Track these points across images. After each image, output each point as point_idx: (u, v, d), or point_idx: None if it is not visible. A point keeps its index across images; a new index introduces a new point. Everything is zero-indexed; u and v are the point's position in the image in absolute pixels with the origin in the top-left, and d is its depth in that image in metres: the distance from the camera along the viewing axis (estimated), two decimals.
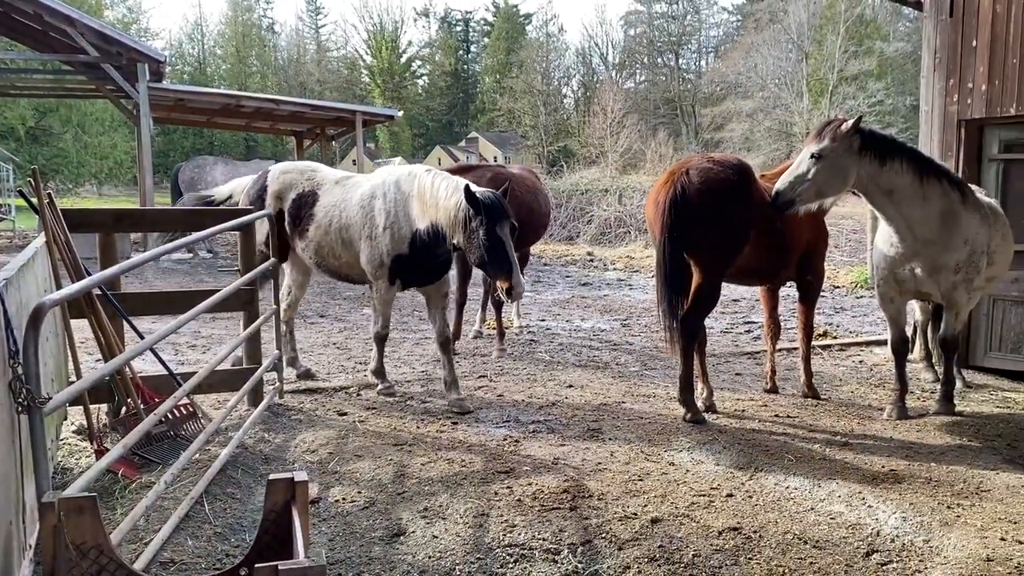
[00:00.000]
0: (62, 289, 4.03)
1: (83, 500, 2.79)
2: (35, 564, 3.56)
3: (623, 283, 15.68)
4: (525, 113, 64.94)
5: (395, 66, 78.64)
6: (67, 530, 2.72)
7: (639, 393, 7.07)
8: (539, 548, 4.08)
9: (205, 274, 15.85)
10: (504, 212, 5.77)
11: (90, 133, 42.35)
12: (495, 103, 69.46)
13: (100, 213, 6.08)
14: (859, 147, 5.71)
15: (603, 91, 56.87)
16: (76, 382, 4.09)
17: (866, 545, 4.07)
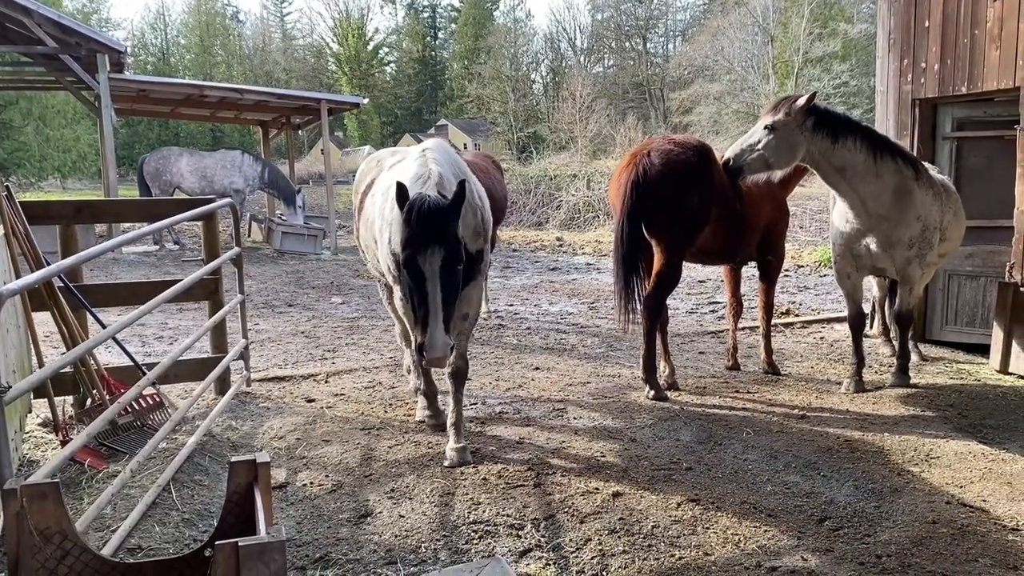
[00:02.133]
0: (16, 280, 4.04)
1: (46, 486, 2.82)
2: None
3: (591, 267, 15.81)
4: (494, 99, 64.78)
5: (362, 53, 77.97)
6: (30, 516, 2.76)
7: (604, 373, 7.18)
8: (503, 524, 4.17)
9: (171, 266, 15.74)
10: (428, 234, 4.00)
11: (52, 126, 41.62)
12: (464, 90, 69.15)
13: (60, 205, 6.04)
14: (812, 124, 5.85)
15: (572, 76, 56.87)
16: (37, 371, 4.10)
17: (820, 512, 4.21)
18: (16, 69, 22.01)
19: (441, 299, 4.02)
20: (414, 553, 3.92)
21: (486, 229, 4.84)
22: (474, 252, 4.63)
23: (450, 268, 4.06)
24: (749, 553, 3.78)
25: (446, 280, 4.05)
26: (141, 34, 75.84)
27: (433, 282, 4.00)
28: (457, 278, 4.12)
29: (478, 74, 67.06)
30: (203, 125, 55.51)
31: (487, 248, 4.90)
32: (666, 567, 3.68)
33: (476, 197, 4.75)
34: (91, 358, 5.32)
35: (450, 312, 4.13)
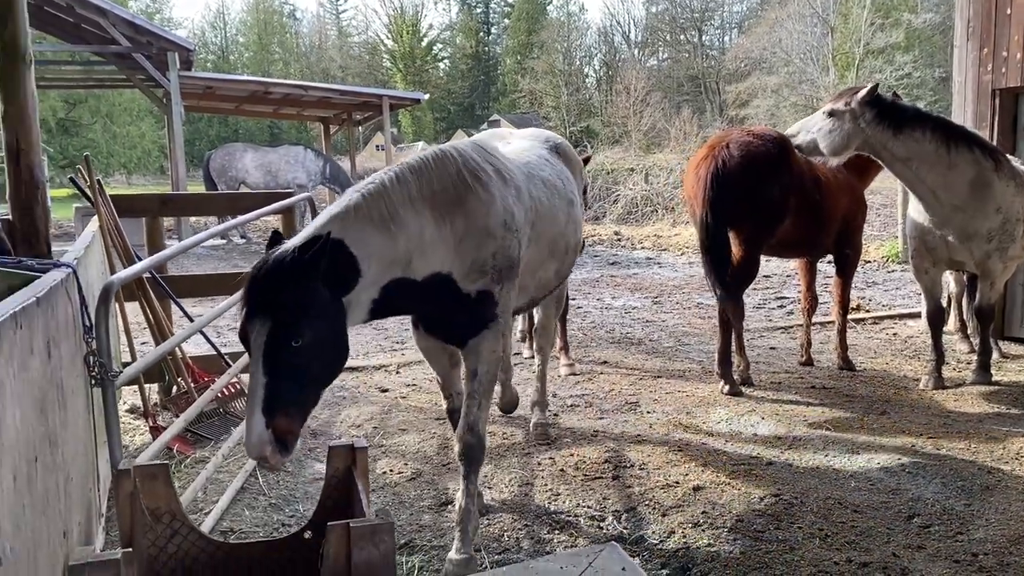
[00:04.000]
0: (121, 271, 4.19)
1: (156, 468, 2.93)
2: (106, 532, 3.74)
3: (652, 262, 15.71)
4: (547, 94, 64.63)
5: (416, 50, 78.57)
6: (143, 496, 2.87)
7: (674, 368, 7.14)
8: (584, 515, 4.20)
9: (239, 259, 16.09)
10: (253, 301, 2.87)
11: (119, 123, 42.90)
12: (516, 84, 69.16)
13: (146, 199, 6.25)
14: (873, 116, 5.76)
15: (626, 70, 56.49)
16: (137, 360, 4.26)
17: (907, 509, 4.14)
18: (87, 68, 22.71)
19: (263, 383, 2.80)
20: (497, 541, 3.97)
21: (506, 260, 3.58)
22: (473, 293, 3.51)
23: (279, 346, 2.81)
24: (837, 548, 3.74)
25: (272, 359, 2.81)
26: (202, 32, 77.56)
27: (256, 360, 2.83)
28: (295, 358, 2.84)
29: (531, 69, 66.97)
30: (262, 121, 56.53)
31: (504, 288, 3.62)
32: (752, 560, 3.66)
33: (493, 217, 3.51)
34: (178, 347, 5.49)
35: (277, 397, 2.81)
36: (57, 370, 2.50)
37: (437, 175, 3.41)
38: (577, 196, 4.55)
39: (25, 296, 2.14)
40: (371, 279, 3.13)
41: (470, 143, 3.80)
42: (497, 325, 3.64)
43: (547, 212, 4.02)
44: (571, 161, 4.78)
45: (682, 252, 16.34)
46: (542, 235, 4.01)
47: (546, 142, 4.69)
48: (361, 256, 3.07)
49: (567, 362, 7.06)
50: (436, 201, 3.35)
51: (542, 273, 4.19)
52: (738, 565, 3.62)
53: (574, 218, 4.41)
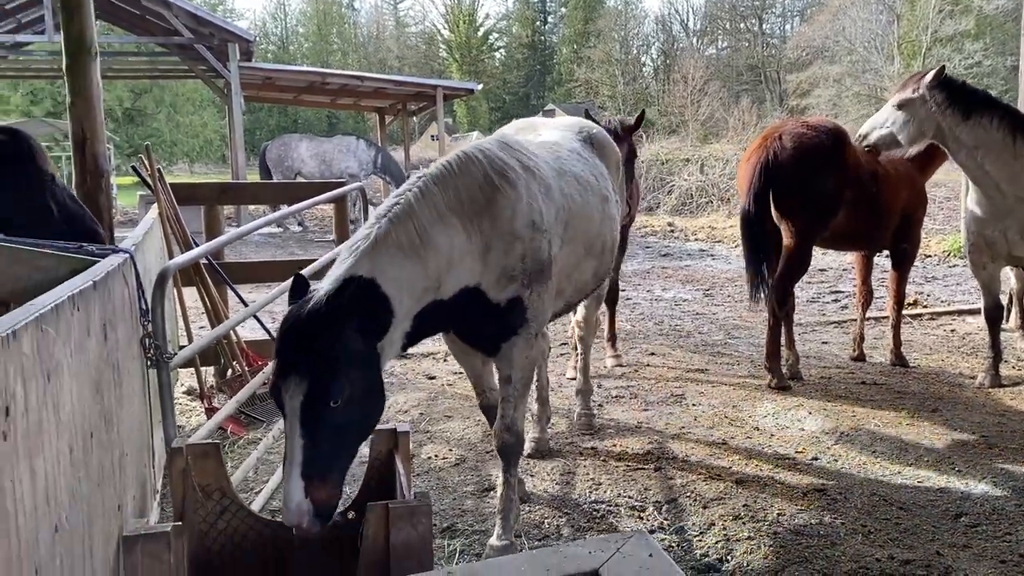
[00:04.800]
0: (178, 256, 4.34)
1: (207, 446, 3.05)
2: (161, 508, 3.89)
3: (705, 253, 15.55)
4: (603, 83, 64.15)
5: (472, 40, 78.70)
6: (194, 473, 2.99)
7: (723, 361, 7.10)
8: (625, 505, 4.22)
9: (295, 247, 16.42)
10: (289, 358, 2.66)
11: (182, 113, 44.05)
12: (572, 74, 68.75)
13: (205, 187, 6.43)
14: (942, 99, 5.62)
15: (684, 59, 55.76)
16: (192, 344, 4.41)
17: (955, 508, 4.07)
18: (151, 59, 23.33)
19: (301, 445, 2.61)
20: (537, 528, 4.02)
21: (536, 263, 3.40)
22: (503, 301, 3.36)
23: (318, 406, 2.60)
24: (880, 545, 3.70)
25: (310, 421, 2.61)
26: (263, 23, 78.89)
27: (293, 422, 2.64)
28: (334, 418, 2.64)
29: (587, 58, 66.55)
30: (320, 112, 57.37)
31: (535, 292, 3.45)
32: (792, 555, 3.64)
33: (520, 218, 3.34)
34: (233, 332, 5.65)
35: (316, 461, 2.62)
36: (113, 351, 2.62)
37: (463, 182, 3.22)
38: (612, 192, 4.32)
39: (82, 280, 2.25)
40: (403, 314, 2.93)
41: (494, 140, 3.63)
42: (528, 330, 3.51)
43: (580, 210, 3.82)
44: (606, 153, 4.51)
45: (736, 244, 16.07)
46: (577, 235, 3.79)
47: (579, 133, 4.43)
48: (393, 294, 2.87)
49: (613, 354, 7.02)
50: (464, 210, 3.18)
51: (578, 275, 3.99)
52: (777, 558, 3.61)
53: (609, 215, 4.18)
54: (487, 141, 3.55)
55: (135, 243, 3.38)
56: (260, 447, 4.48)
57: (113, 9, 18.97)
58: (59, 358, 1.82)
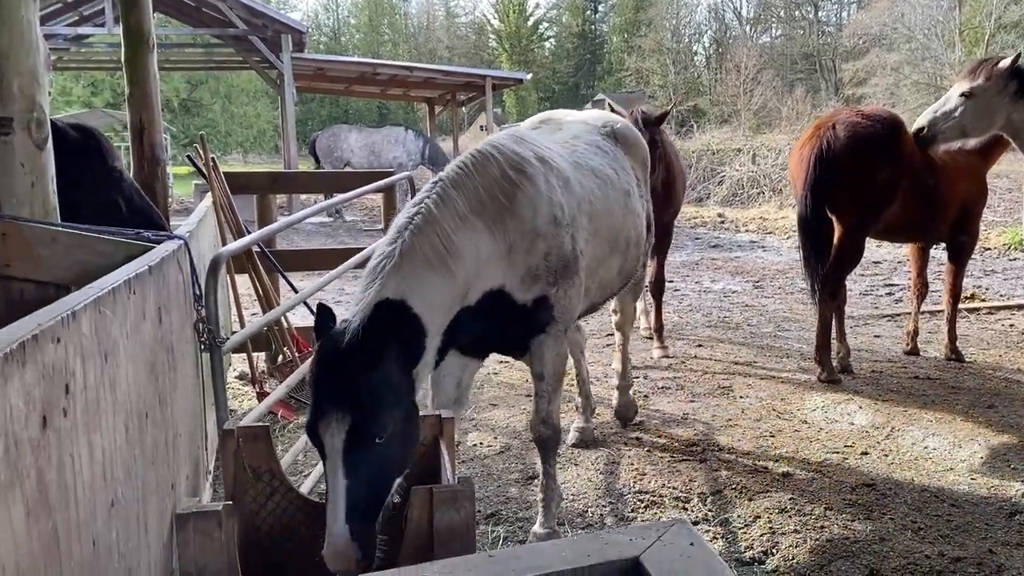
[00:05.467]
0: (231, 244, 4.44)
1: (258, 429, 3.12)
2: (213, 489, 4.00)
3: (756, 245, 15.34)
4: (654, 72, 63.47)
5: (522, 29, 78.51)
6: (245, 455, 3.06)
7: (772, 353, 7.01)
8: (669, 496, 4.21)
9: (345, 235, 16.63)
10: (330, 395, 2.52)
11: (236, 104, 44.85)
12: (622, 63, 68.18)
13: (257, 176, 6.55)
14: (1016, 89, 5.42)
15: (736, 47, 54.89)
16: (244, 329, 4.51)
17: (1009, 506, 3.97)
18: (207, 51, 23.79)
19: (345, 487, 2.54)
20: (581, 516, 4.04)
21: (560, 260, 3.33)
22: (528, 302, 3.29)
23: (361, 445, 2.51)
24: (930, 541, 3.64)
25: (354, 460, 2.53)
26: (315, 15, 79.79)
27: (335, 462, 2.56)
28: (378, 454, 2.56)
29: (638, 47, 65.92)
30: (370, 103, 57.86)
31: (561, 290, 3.36)
32: (839, 549, 3.60)
33: (542, 215, 3.25)
34: (283, 318, 5.76)
35: (361, 501, 2.57)
36: (168, 334, 2.70)
37: (482, 182, 3.11)
38: (636, 186, 4.17)
39: (139, 264, 2.32)
40: (435, 331, 2.85)
41: (507, 134, 3.53)
42: (556, 327, 3.43)
43: (601, 205, 3.71)
44: (631, 146, 4.35)
45: (788, 236, 15.84)
46: (599, 230, 3.69)
47: (603, 127, 4.29)
48: (424, 313, 2.78)
49: (660, 345, 6.95)
50: (486, 210, 3.09)
51: (604, 272, 3.87)
52: (824, 552, 3.57)
53: (633, 210, 4.03)
54: (500, 136, 3.46)
55: (189, 230, 3.47)
56: None
57: (171, 1, 19.38)
58: (116, 339, 1.88)
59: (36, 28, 2.57)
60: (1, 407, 1.16)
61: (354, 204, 21.39)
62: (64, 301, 1.66)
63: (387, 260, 2.78)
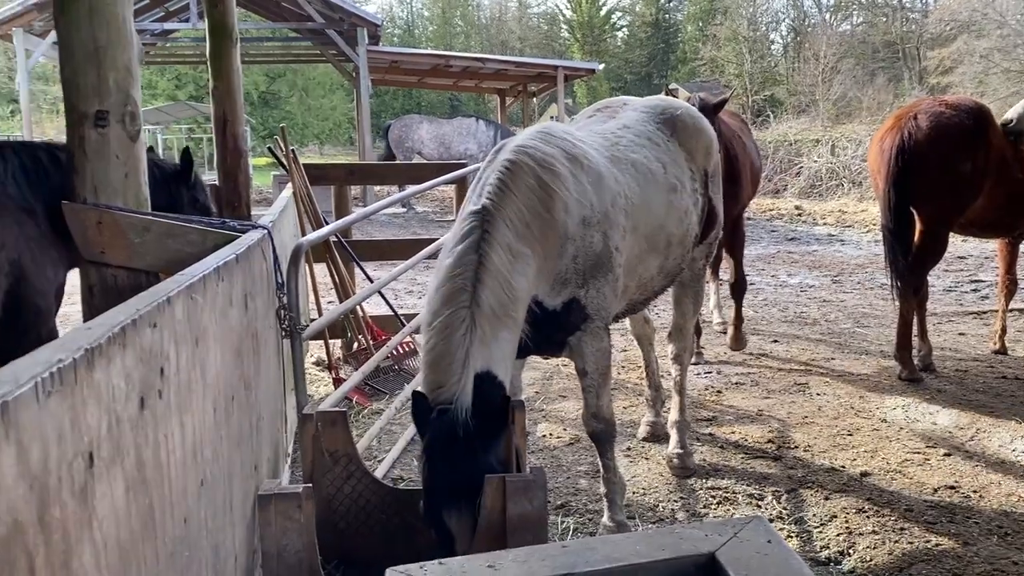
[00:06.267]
0: (311, 234, 4.55)
1: (335, 414, 3.21)
2: (291, 471, 4.11)
3: (834, 238, 14.94)
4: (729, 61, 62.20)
5: (595, 19, 77.93)
6: (324, 439, 3.15)
7: (850, 350, 6.83)
8: (742, 493, 4.15)
9: (417, 226, 16.83)
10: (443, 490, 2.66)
11: (313, 96, 45.77)
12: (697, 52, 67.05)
13: (335, 168, 6.68)
14: None
15: (815, 35, 53.41)
16: (320, 317, 4.62)
17: None
18: (285, 44, 24.33)
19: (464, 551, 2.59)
20: (652, 511, 4.02)
21: (589, 259, 3.24)
22: (558, 307, 3.23)
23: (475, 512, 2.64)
24: (1018, 547, 3.50)
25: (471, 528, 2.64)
26: (389, 8, 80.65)
27: (461, 539, 2.63)
28: None
29: (712, 36, 64.75)
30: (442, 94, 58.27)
31: (592, 289, 3.29)
32: (920, 552, 3.50)
33: (571, 217, 3.16)
34: (359, 306, 5.87)
35: None
36: (253, 321, 2.78)
37: (522, 201, 3.01)
38: (688, 180, 3.91)
39: (227, 253, 2.40)
40: (508, 379, 2.90)
41: (534, 131, 3.37)
42: (592, 324, 3.34)
43: (639, 200, 3.52)
44: (689, 136, 4.02)
45: (868, 229, 15.39)
46: (637, 227, 3.51)
47: (660, 115, 4.01)
48: (502, 373, 2.83)
49: (735, 335, 6.65)
50: (533, 233, 3.00)
51: (642, 270, 3.68)
52: (904, 555, 3.47)
53: (678, 207, 3.77)
54: (527, 136, 3.32)
55: (272, 220, 3.57)
56: (383, 417, 4.65)
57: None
58: (206, 324, 1.95)
59: (131, 24, 2.68)
60: (105, 386, 1.22)
61: (425, 195, 21.63)
62: (158, 288, 1.73)
63: (468, 327, 2.74)
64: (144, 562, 1.40)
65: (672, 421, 4.56)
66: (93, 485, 1.16)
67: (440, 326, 2.76)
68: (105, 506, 1.21)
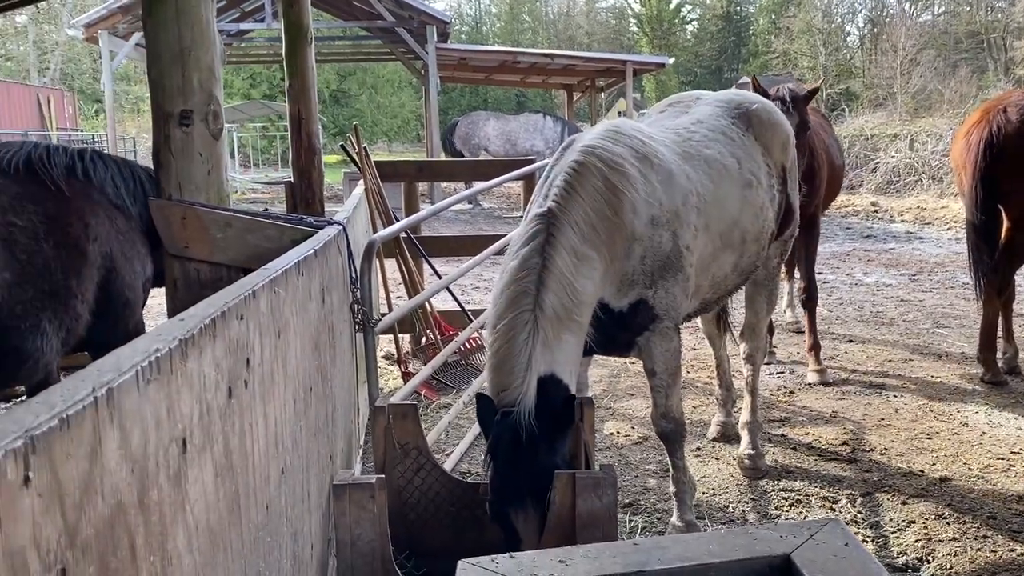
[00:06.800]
0: (382, 230, 4.62)
1: (406, 407, 3.26)
2: (363, 463, 4.20)
3: (912, 236, 14.47)
4: (802, 54, 60.73)
5: (664, 13, 77.01)
6: (395, 431, 3.20)
7: (929, 351, 6.61)
8: (815, 495, 4.07)
9: (483, 223, 16.92)
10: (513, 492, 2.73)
11: (382, 94, 46.45)
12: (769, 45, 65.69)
13: (405, 165, 6.78)
14: None
15: (893, 27, 51.75)
16: (392, 312, 4.69)
17: None
18: (355, 43, 24.73)
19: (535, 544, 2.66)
20: (722, 511, 3.97)
21: (657, 259, 3.19)
22: (624, 308, 3.21)
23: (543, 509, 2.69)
24: None
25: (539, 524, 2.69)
26: (457, 4, 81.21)
27: (529, 539, 2.68)
28: None
29: (785, 28, 63.33)
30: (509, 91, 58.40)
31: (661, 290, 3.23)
32: (1004, 561, 3.38)
33: (639, 217, 3.12)
34: (427, 302, 5.94)
35: None
36: (329, 314, 2.85)
37: (589, 203, 2.98)
38: (765, 176, 3.80)
39: (306, 248, 2.47)
40: (573, 382, 2.94)
41: (602, 130, 3.32)
42: (661, 325, 3.29)
43: (711, 197, 3.44)
44: (765, 131, 3.92)
45: (949, 227, 14.86)
46: (709, 225, 3.44)
47: (735, 109, 3.91)
48: (566, 376, 2.86)
49: (816, 367, 5.92)
50: (599, 236, 2.98)
51: (716, 269, 3.60)
52: (986, 563, 3.36)
53: (753, 203, 3.67)
54: (596, 135, 3.27)
55: (346, 216, 3.64)
56: (451, 411, 4.70)
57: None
58: (287, 317, 2.01)
59: (213, 25, 2.76)
60: (197, 376, 1.27)
61: (491, 192, 21.71)
62: (244, 281, 1.78)
63: (531, 331, 2.77)
64: (230, 546, 1.45)
65: (743, 422, 4.47)
66: (186, 470, 1.21)
67: (504, 329, 2.79)
68: (196, 491, 1.26)
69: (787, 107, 5.21)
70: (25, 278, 3.28)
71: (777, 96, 5.27)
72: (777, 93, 5.38)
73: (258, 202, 20.95)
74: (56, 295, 3.40)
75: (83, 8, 32.47)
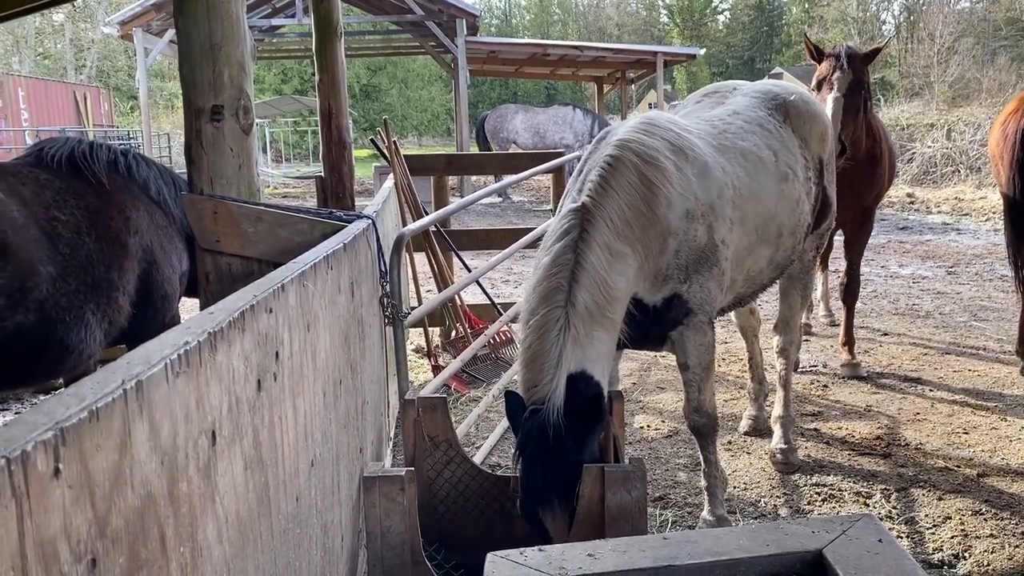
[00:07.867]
0: (411, 224, 4.64)
1: (436, 400, 3.27)
2: (393, 456, 4.22)
3: (949, 227, 14.21)
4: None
5: (695, 3, 76.35)
6: (425, 424, 3.21)
7: (966, 344, 6.50)
8: (849, 490, 4.02)
9: (513, 216, 16.91)
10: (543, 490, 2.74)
11: (412, 88, 46.63)
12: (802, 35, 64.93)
13: (434, 158, 6.79)
14: None
15: (930, 14, 50.79)
16: (421, 305, 4.71)
17: None
18: (385, 37, 24.79)
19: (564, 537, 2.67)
20: (753, 506, 3.94)
21: (692, 253, 3.16)
22: (658, 303, 3.18)
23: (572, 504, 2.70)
24: None
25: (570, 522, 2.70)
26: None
27: (558, 534, 2.69)
28: None
29: (819, 17, 62.43)
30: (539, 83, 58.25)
31: (694, 284, 3.20)
32: None
33: (674, 211, 3.09)
34: (457, 296, 5.96)
35: None
36: (358, 307, 2.86)
37: (624, 198, 2.96)
38: (802, 168, 3.75)
39: (335, 242, 2.48)
40: (605, 379, 2.92)
41: (640, 124, 3.26)
42: (695, 319, 3.26)
43: (747, 190, 3.39)
44: (803, 122, 3.87)
45: (987, 218, 14.58)
46: (745, 218, 3.39)
47: (772, 100, 3.85)
48: (598, 373, 2.84)
49: (849, 360, 5.82)
50: (634, 232, 2.96)
51: (751, 263, 3.54)
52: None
53: (789, 196, 3.62)
54: (631, 129, 3.22)
55: (376, 210, 3.66)
56: (481, 405, 4.71)
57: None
58: (316, 311, 2.02)
59: (243, 21, 2.78)
60: (226, 369, 1.28)
61: (520, 185, 21.69)
62: (273, 275, 1.80)
63: (562, 328, 2.77)
64: (260, 537, 1.47)
65: (776, 416, 4.41)
66: (216, 462, 1.22)
67: (536, 325, 2.81)
68: (226, 483, 1.27)
69: (841, 64, 5.08)
70: (68, 271, 3.35)
71: (833, 52, 5.13)
72: (834, 51, 5.23)
73: (289, 196, 21.15)
74: (99, 287, 3.46)
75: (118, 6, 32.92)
